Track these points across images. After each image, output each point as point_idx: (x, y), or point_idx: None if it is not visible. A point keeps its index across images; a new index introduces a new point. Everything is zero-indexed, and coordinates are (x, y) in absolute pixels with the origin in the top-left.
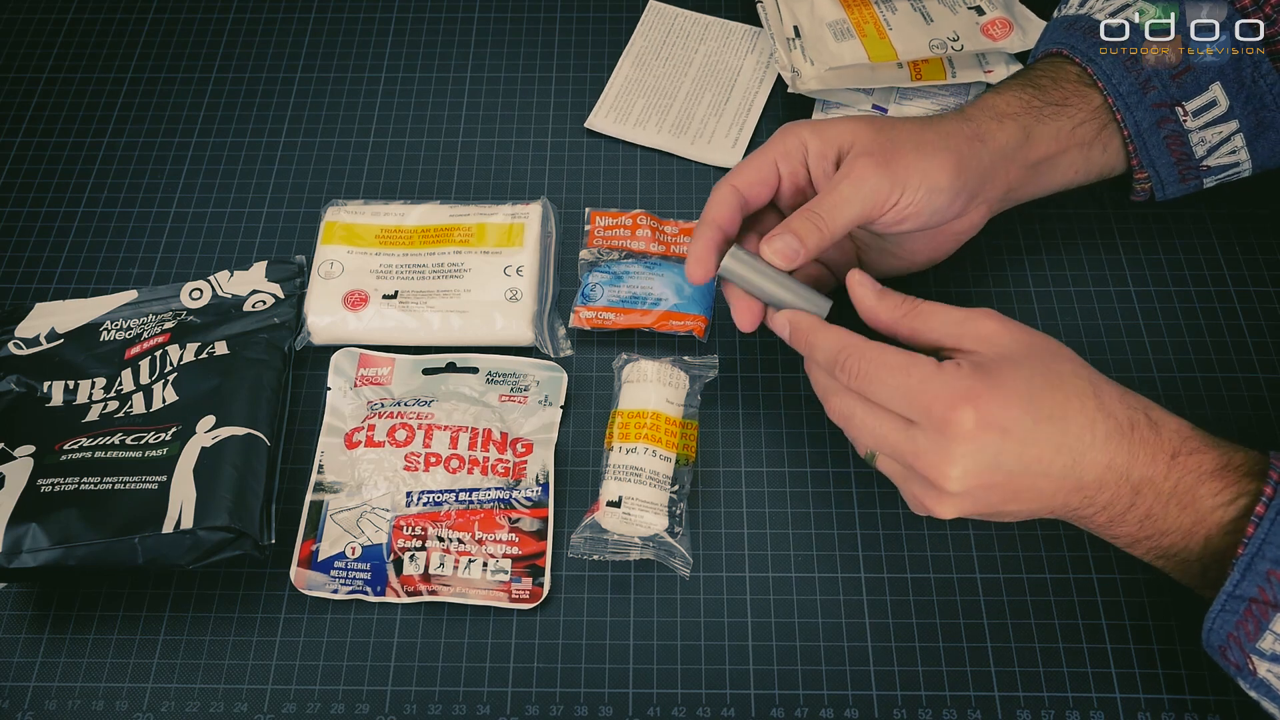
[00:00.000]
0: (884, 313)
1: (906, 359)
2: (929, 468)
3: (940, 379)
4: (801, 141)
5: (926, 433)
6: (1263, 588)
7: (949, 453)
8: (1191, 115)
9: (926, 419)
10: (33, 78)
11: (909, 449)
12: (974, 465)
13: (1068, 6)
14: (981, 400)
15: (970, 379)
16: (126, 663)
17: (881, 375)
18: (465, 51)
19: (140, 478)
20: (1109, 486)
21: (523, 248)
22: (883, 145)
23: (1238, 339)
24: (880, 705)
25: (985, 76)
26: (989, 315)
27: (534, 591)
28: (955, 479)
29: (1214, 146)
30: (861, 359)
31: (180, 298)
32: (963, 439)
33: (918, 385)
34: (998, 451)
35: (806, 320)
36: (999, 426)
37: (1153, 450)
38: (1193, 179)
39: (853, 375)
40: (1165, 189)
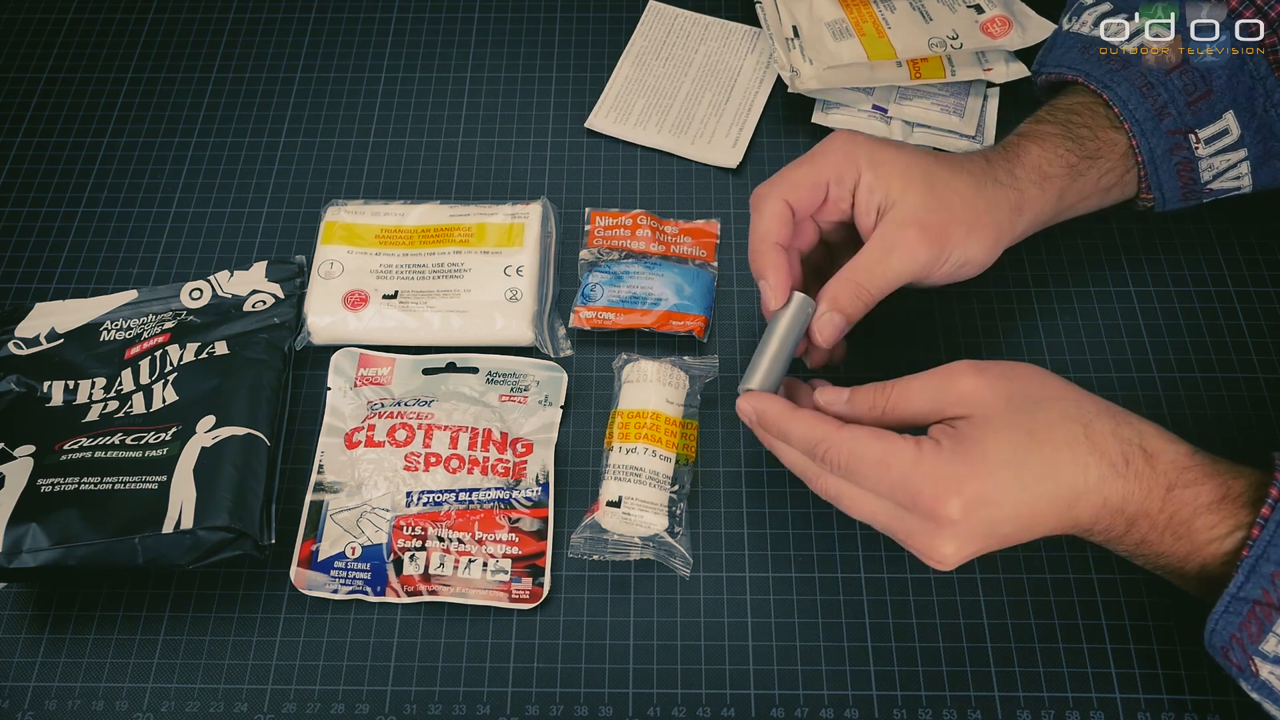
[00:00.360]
0: (862, 413)
1: (883, 450)
2: (922, 546)
3: (920, 470)
4: (857, 170)
5: (917, 518)
6: (1267, 590)
7: (939, 535)
8: (1204, 143)
9: (913, 507)
10: (33, 78)
11: (901, 530)
12: (967, 539)
13: (1080, 23)
14: (966, 486)
15: (950, 464)
16: (126, 663)
17: (862, 469)
18: (465, 51)
19: (140, 478)
20: (1103, 520)
21: (523, 248)
22: (935, 214)
23: (1238, 339)
24: (880, 705)
25: (985, 74)
26: (965, 372)
27: (534, 591)
28: (950, 554)
29: (1220, 172)
30: (839, 452)
31: (180, 298)
32: (951, 524)
33: (898, 479)
34: (989, 524)
35: (774, 408)
36: (988, 502)
37: (1147, 485)
38: (1194, 199)
39: (834, 467)
40: (1167, 205)
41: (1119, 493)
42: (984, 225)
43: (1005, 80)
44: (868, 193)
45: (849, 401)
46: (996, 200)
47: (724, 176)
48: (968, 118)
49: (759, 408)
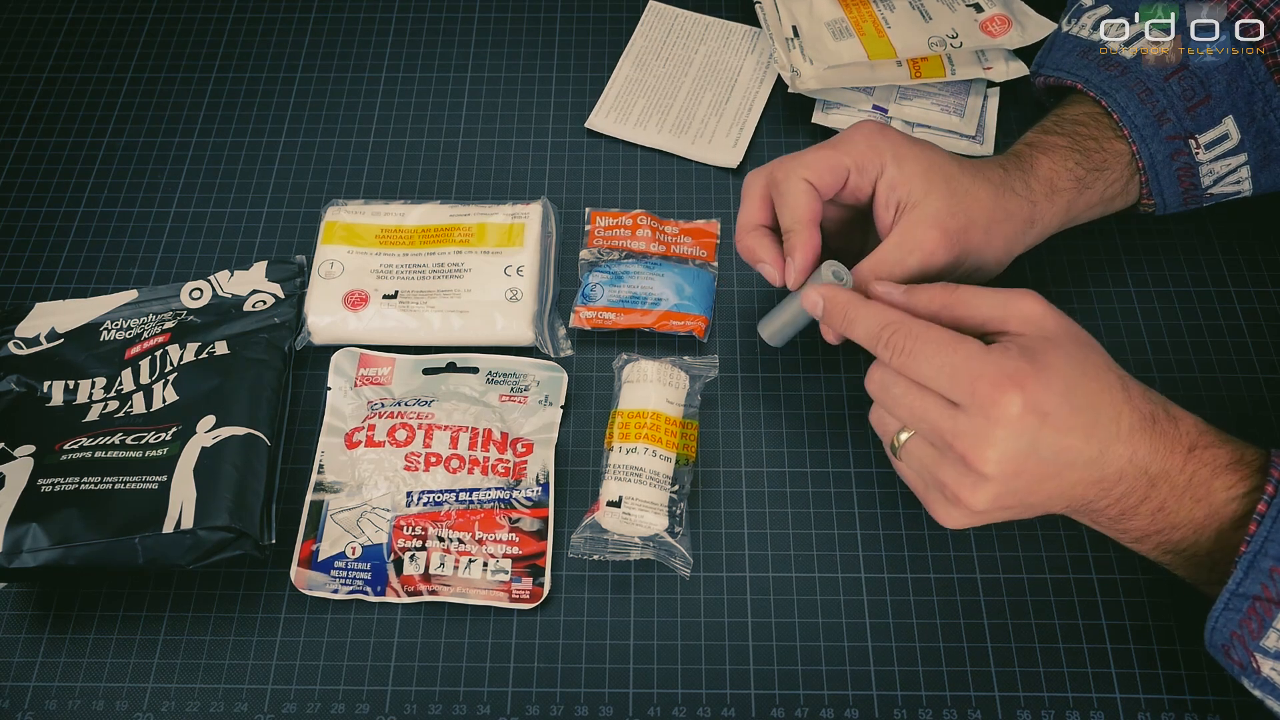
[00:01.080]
0: (920, 307)
1: (953, 336)
2: (968, 448)
3: (988, 359)
4: (881, 162)
5: (969, 414)
6: (1266, 585)
7: (990, 435)
8: (1204, 148)
9: (971, 399)
10: (33, 78)
11: (948, 427)
12: (1012, 449)
13: (1078, 25)
14: (1028, 384)
15: (1018, 360)
16: (126, 663)
17: (927, 352)
18: (465, 51)
19: (140, 478)
20: (1127, 478)
21: (523, 248)
22: (956, 219)
23: (1238, 339)
24: (880, 705)
25: (985, 73)
26: (1032, 297)
27: (534, 591)
28: (992, 461)
29: (1221, 177)
30: (907, 335)
31: (180, 298)
32: (1006, 422)
33: (963, 363)
34: (1035, 437)
35: (843, 296)
36: (1041, 411)
37: (1171, 443)
38: (1194, 203)
39: (896, 351)
40: (1167, 209)
41: (1145, 447)
42: (999, 234)
43: (1005, 79)
44: (889, 188)
45: (907, 293)
46: (1012, 211)
47: (724, 176)
48: (968, 117)
49: (827, 296)
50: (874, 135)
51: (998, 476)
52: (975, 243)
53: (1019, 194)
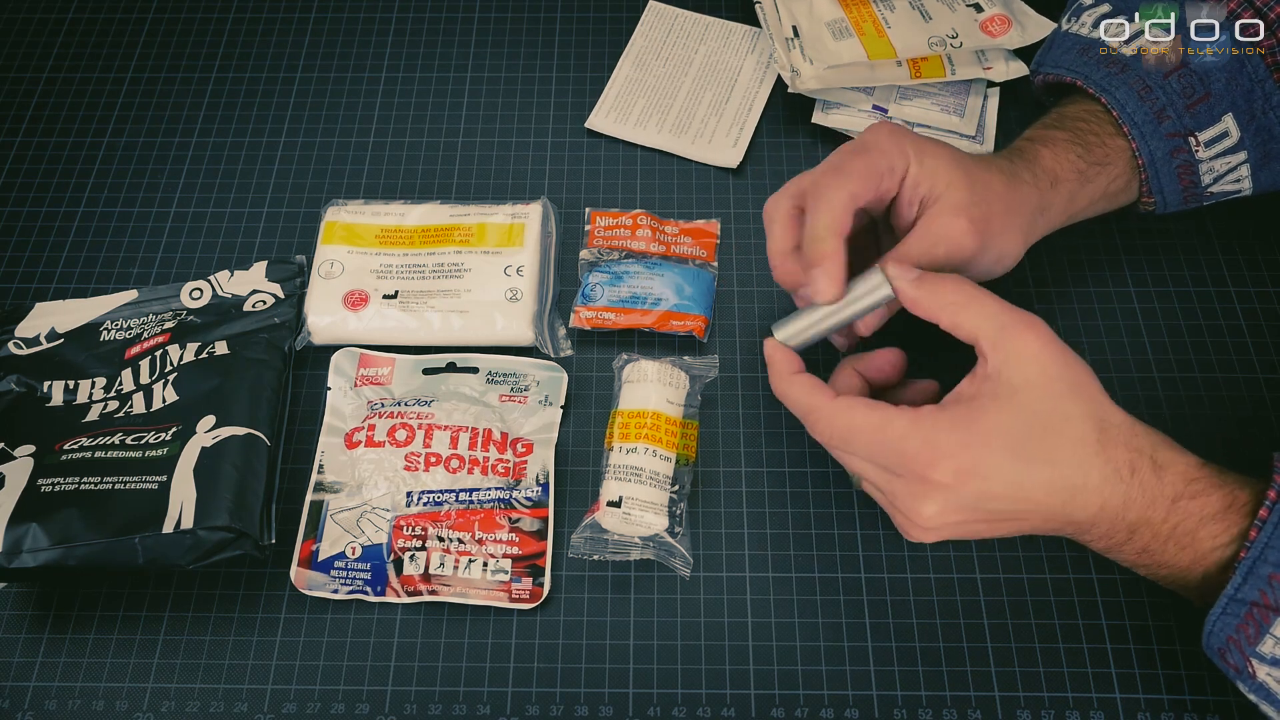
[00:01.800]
0: (929, 300)
1: (880, 418)
2: (905, 506)
3: (917, 436)
4: (906, 162)
5: (905, 480)
6: (1264, 591)
7: (926, 496)
8: (1204, 146)
9: (904, 470)
10: (33, 78)
11: (886, 488)
12: (950, 506)
13: (1078, 24)
14: (959, 455)
15: (949, 432)
16: (126, 663)
17: (853, 438)
18: (465, 51)
19: (140, 478)
20: (1103, 524)
21: (523, 248)
22: (978, 208)
23: (1238, 339)
24: (880, 705)
25: (985, 73)
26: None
27: (534, 591)
28: (932, 516)
29: (1221, 175)
30: (830, 425)
31: (180, 298)
32: (940, 488)
33: (894, 443)
34: (977, 496)
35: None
36: (978, 475)
37: (1151, 495)
38: (1194, 202)
39: (824, 437)
40: (1168, 208)
41: (1119, 497)
42: (1017, 220)
43: (1005, 79)
44: (913, 185)
45: (916, 282)
46: (1025, 198)
47: (724, 176)
48: (968, 117)
49: (771, 357)
50: (896, 134)
51: (941, 527)
52: (996, 231)
53: (1027, 182)
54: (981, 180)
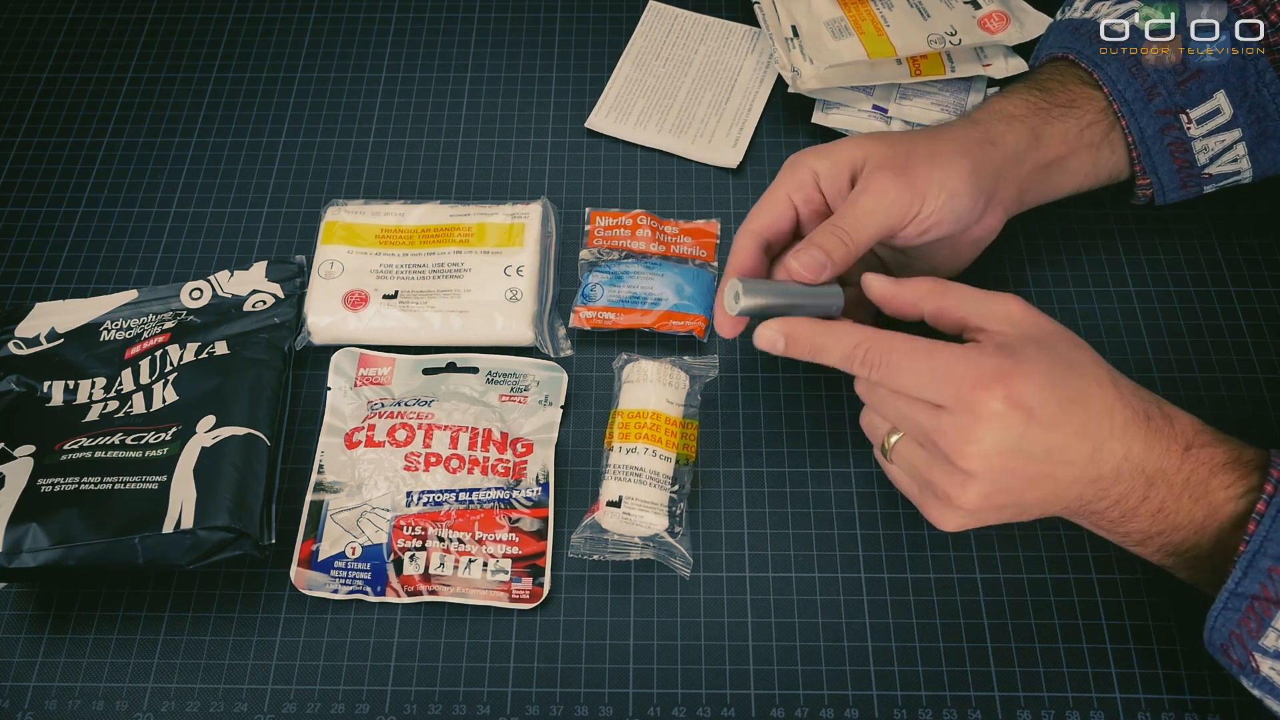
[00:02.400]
0: (907, 293)
1: (928, 344)
2: (951, 446)
3: (967, 360)
4: (810, 169)
5: (953, 413)
6: (1265, 584)
7: (973, 432)
8: (1195, 123)
9: (954, 401)
10: (33, 78)
11: (933, 426)
12: (997, 444)
13: (1072, 9)
14: (1009, 380)
15: (997, 358)
16: (126, 663)
17: (904, 363)
18: (465, 51)
19: (140, 478)
20: (1124, 478)
21: (523, 248)
22: (897, 157)
23: (1238, 339)
24: (880, 705)
25: (984, 70)
26: (1014, 298)
27: (534, 591)
28: (976, 456)
29: (1216, 154)
30: (880, 350)
31: (180, 298)
32: (990, 418)
33: (944, 368)
34: (1022, 433)
35: (802, 326)
36: (1025, 407)
37: (1167, 441)
38: (1193, 186)
39: (873, 368)
40: (1166, 194)
41: (1140, 444)
42: (950, 155)
43: (1005, 75)
44: (831, 180)
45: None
46: (957, 136)
47: (724, 176)
48: None
49: (786, 331)
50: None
51: (984, 472)
52: (921, 171)
53: (959, 125)
54: (897, 136)
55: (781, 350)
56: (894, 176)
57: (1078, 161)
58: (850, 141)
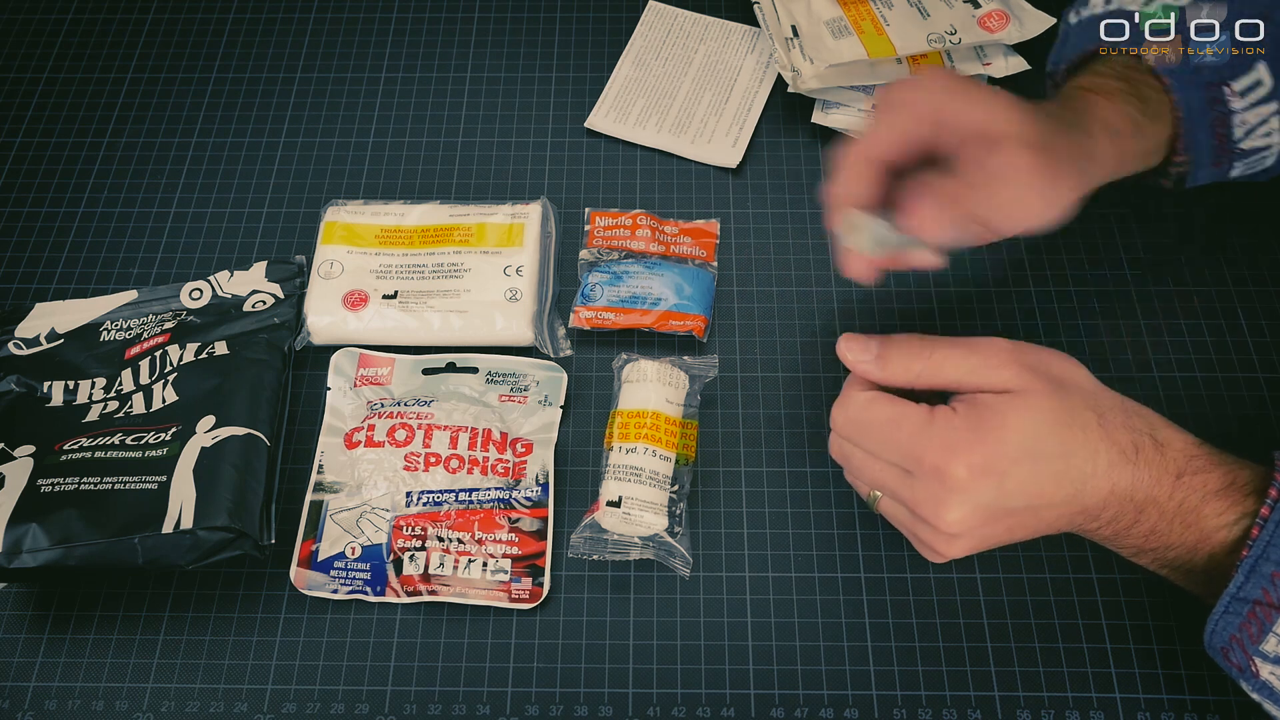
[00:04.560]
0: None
1: (897, 412)
2: (928, 514)
3: (930, 432)
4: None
5: (923, 481)
6: (1267, 590)
7: (946, 500)
8: (1238, 95)
9: (919, 469)
10: (33, 78)
11: (907, 495)
12: (971, 508)
13: (1088, 8)
14: (974, 450)
15: (962, 430)
16: (126, 663)
17: (870, 429)
18: (465, 51)
19: (140, 478)
20: (1112, 506)
21: (523, 248)
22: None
23: (1238, 339)
24: (880, 705)
25: (984, 69)
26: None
27: (534, 591)
28: (955, 522)
29: (1253, 128)
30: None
31: (180, 298)
32: (957, 488)
33: (908, 440)
34: (996, 496)
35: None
36: (995, 472)
37: (1157, 472)
38: (1225, 163)
39: (838, 424)
40: (1198, 173)
41: (1128, 479)
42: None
43: (1005, 74)
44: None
45: (879, 360)
46: (1080, 146)
47: (724, 176)
48: None
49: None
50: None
51: (965, 532)
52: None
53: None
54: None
55: None
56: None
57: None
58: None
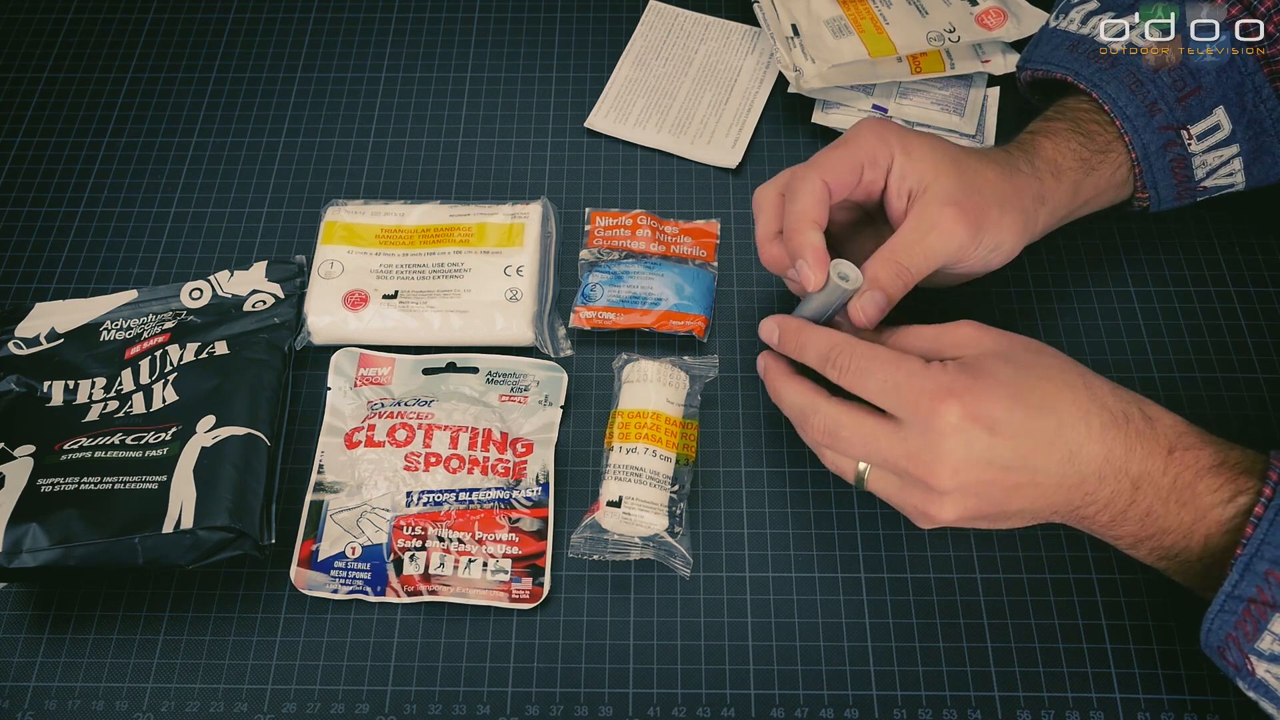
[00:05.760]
0: None
1: (895, 355)
2: (921, 467)
3: (926, 373)
4: (891, 154)
5: (915, 430)
6: (1261, 588)
7: (937, 449)
8: (1196, 139)
9: (914, 415)
10: (33, 78)
11: (900, 450)
12: (964, 459)
13: (1066, 20)
14: (966, 395)
15: (954, 375)
16: (126, 663)
17: (871, 369)
18: (465, 51)
19: (140, 478)
20: (1109, 481)
21: (523, 248)
22: (969, 196)
23: (1238, 339)
24: (880, 705)
25: (983, 67)
26: (965, 324)
27: (534, 591)
28: (947, 475)
29: (1213, 169)
30: (853, 354)
31: (180, 298)
32: (949, 432)
33: (904, 379)
34: (988, 445)
35: (794, 322)
36: (986, 420)
37: (1149, 444)
38: (1188, 197)
39: (843, 370)
40: (1162, 205)
41: (1122, 446)
42: (1013, 209)
43: (1004, 71)
44: (900, 177)
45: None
46: (1021, 187)
47: (724, 176)
48: (968, 116)
49: (781, 323)
50: (880, 129)
51: (958, 488)
52: (992, 217)
53: (1024, 171)
54: (973, 169)
55: (775, 342)
56: (964, 221)
57: (1100, 201)
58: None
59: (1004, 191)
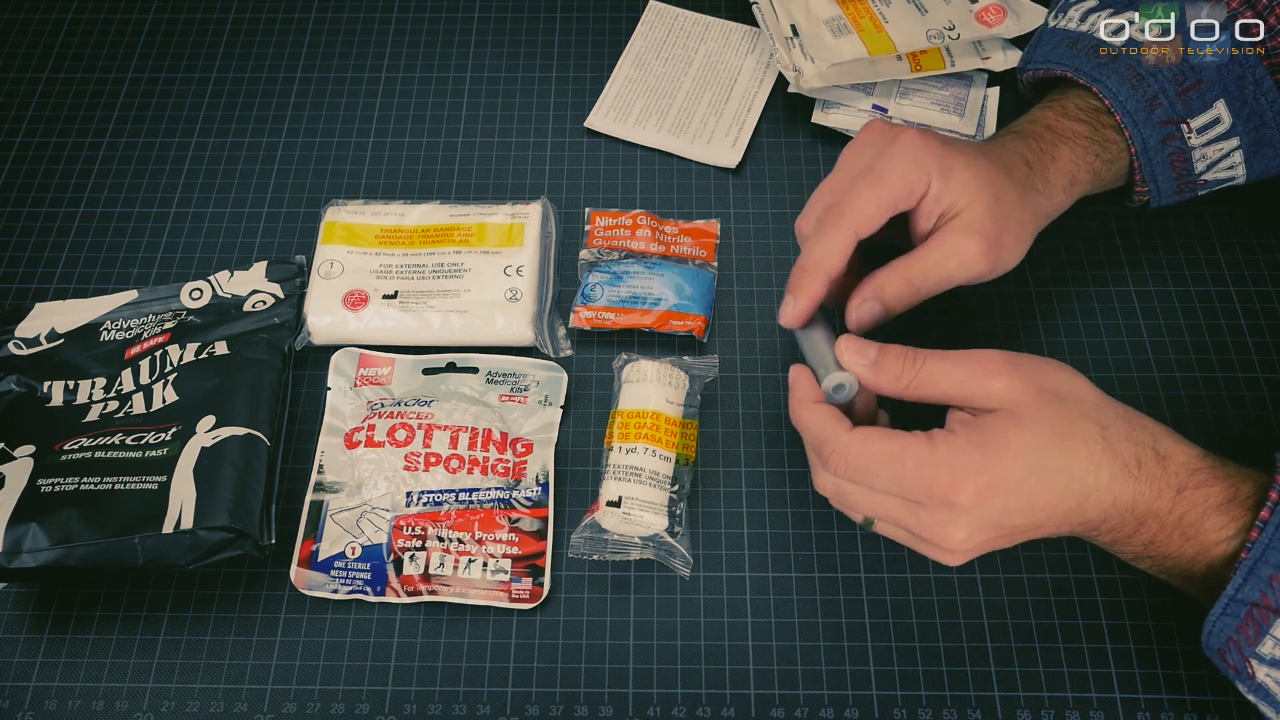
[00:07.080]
0: (885, 384)
1: (897, 447)
2: (935, 536)
3: (935, 462)
4: (927, 181)
5: (930, 508)
6: (1265, 592)
7: (954, 522)
8: (1196, 132)
9: (930, 499)
10: (33, 78)
11: (913, 523)
12: (978, 526)
13: (1065, 19)
14: (980, 476)
15: (966, 454)
16: (126, 663)
17: (872, 468)
18: (465, 51)
19: (140, 478)
20: (1113, 517)
21: (523, 248)
22: (995, 222)
23: (1238, 339)
24: (880, 705)
25: (983, 64)
26: (1000, 372)
27: (534, 591)
28: (960, 540)
29: (1214, 162)
30: (846, 454)
31: (180, 298)
32: (965, 511)
33: (913, 472)
34: (1001, 514)
35: (800, 390)
36: (1001, 491)
37: (1159, 486)
38: (1189, 191)
39: (839, 470)
40: (1162, 199)
41: (1129, 492)
42: (1026, 234)
43: (1004, 68)
44: (934, 201)
45: (874, 365)
46: (1035, 208)
47: (724, 176)
48: (968, 116)
49: (795, 381)
50: (918, 154)
51: (969, 548)
52: (1008, 245)
53: (1040, 192)
54: (1004, 195)
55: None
56: (988, 252)
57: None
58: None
59: (1022, 216)
